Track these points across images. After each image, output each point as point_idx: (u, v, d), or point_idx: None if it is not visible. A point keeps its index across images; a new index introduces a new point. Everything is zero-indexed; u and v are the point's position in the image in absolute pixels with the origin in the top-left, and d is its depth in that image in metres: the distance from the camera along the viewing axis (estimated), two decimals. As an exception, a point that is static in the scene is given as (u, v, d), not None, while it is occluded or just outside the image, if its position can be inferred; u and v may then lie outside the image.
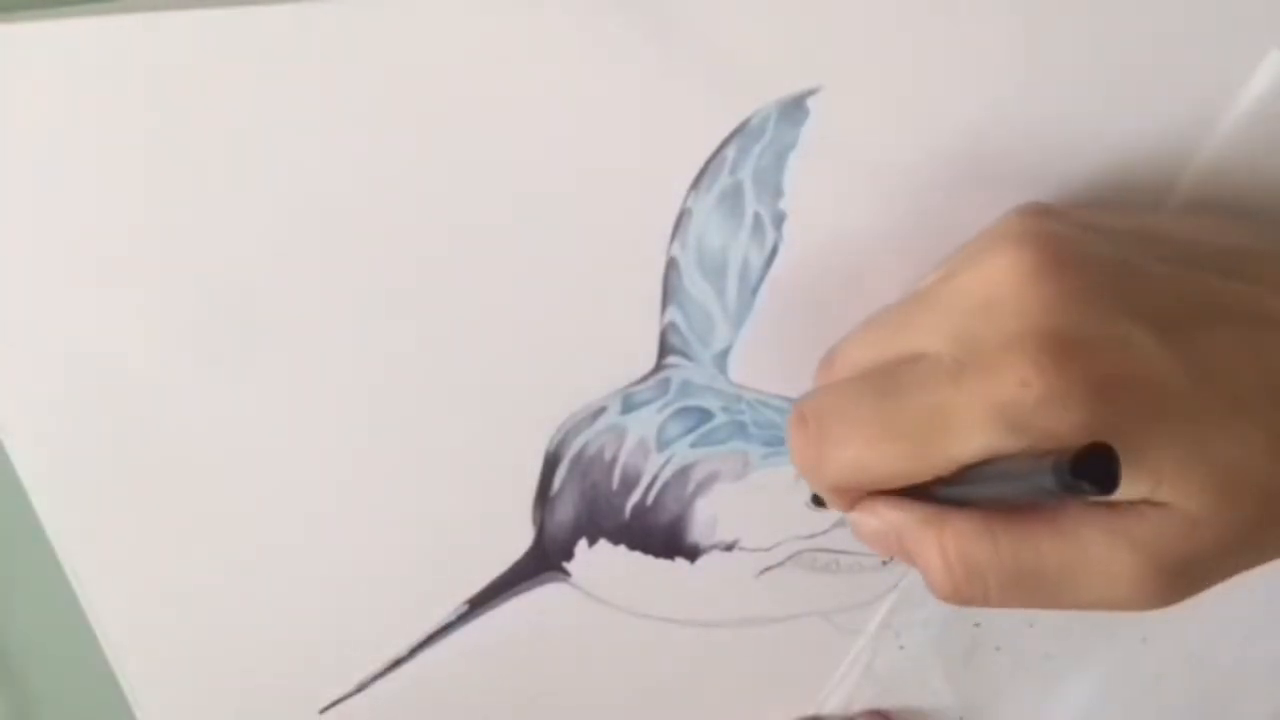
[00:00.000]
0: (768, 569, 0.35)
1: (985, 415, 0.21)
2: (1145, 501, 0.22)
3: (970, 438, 0.22)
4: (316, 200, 0.28)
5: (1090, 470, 0.19)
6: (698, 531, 0.34)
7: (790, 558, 0.35)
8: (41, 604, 0.34)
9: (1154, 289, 0.23)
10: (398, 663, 0.37)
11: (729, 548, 0.35)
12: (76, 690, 0.40)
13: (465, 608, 0.36)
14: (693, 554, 0.35)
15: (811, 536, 0.34)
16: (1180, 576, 0.22)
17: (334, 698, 0.37)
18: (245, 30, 0.26)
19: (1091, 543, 0.22)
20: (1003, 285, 0.22)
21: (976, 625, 0.36)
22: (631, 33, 0.26)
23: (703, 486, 0.34)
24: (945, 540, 0.23)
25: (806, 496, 0.34)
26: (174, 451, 0.32)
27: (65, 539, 0.33)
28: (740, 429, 0.33)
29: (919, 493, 0.24)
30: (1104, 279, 0.22)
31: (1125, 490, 0.21)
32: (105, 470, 0.32)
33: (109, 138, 0.27)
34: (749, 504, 0.34)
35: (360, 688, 0.37)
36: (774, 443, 0.33)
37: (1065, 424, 0.21)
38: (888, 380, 0.24)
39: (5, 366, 0.30)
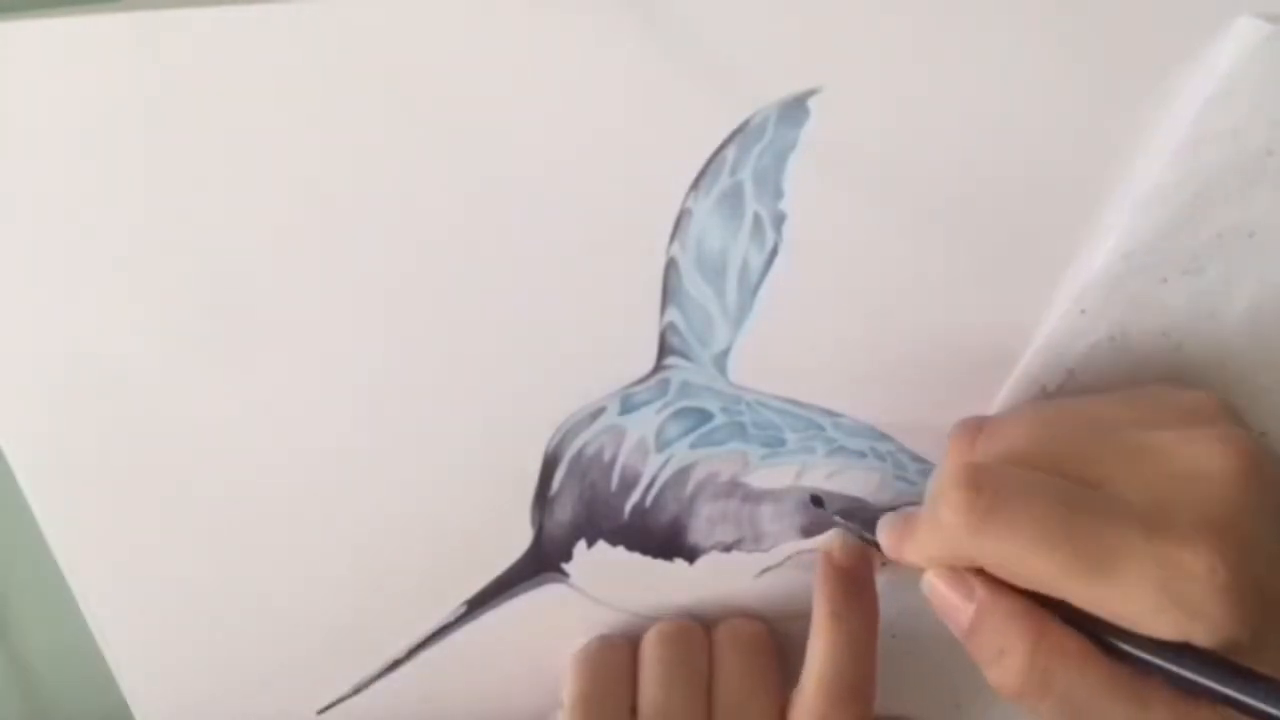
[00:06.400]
0: (766, 570, 0.35)
1: (1159, 578, 0.23)
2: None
3: (1132, 589, 0.23)
4: (316, 200, 0.28)
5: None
6: (697, 532, 0.34)
7: (789, 559, 0.35)
8: (40, 605, 0.34)
9: None
10: (396, 664, 0.37)
11: (728, 548, 0.35)
12: (75, 689, 0.40)
13: (464, 609, 0.36)
14: (692, 555, 0.35)
15: (810, 537, 0.34)
16: None
17: (332, 699, 0.37)
18: (246, 28, 0.26)
19: None
20: (1213, 470, 0.24)
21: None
22: (632, 33, 0.26)
23: (702, 487, 0.34)
24: (1039, 646, 0.24)
25: (806, 496, 0.34)
26: (172, 452, 0.32)
27: (63, 540, 0.33)
28: (739, 430, 0.33)
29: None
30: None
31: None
32: (102, 471, 0.32)
33: (108, 136, 0.27)
34: (748, 505, 0.34)
35: (358, 689, 0.37)
36: (773, 443, 0.33)
37: (1225, 619, 0.23)
38: (1078, 495, 0.25)
39: (3, 367, 0.30)
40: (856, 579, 0.32)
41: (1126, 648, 0.24)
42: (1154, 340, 0.30)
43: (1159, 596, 0.23)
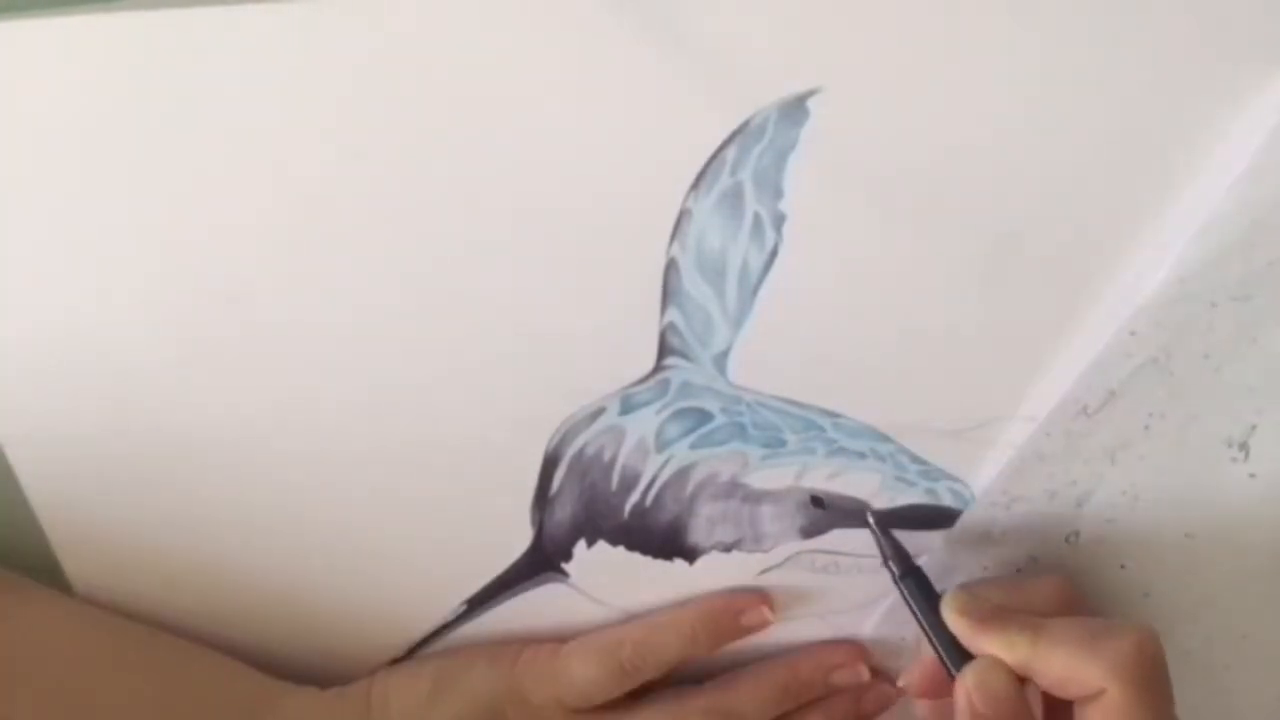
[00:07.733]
0: (767, 570, 0.35)
1: None
2: None
3: None
4: (316, 200, 0.28)
5: None
6: (697, 532, 0.34)
7: (789, 559, 0.35)
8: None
9: None
10: (395, 662, 0.37)
11: (728, 549, 0.35)
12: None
13: (464, 608, 0.36)
14: (692, 555, 0.35)
15: (810, 538, 0.34)
16: None
17: (332, 698, 0.37)
18: (246, 28, 0.26)
19: None
20: None
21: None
22: (632, 33, 0.26)
23: (702, 487, 0.34)
24: None
25: (806, 497, 0.34)
26: (172, 451, 0.32)
27: (63, 541, 0.33)
28: (739, 430, 0.33)
29: None
30: None
31: None
32: (102, 471, 0.32)
33: (108, 135, 0.27)
34: (748, 505, 0.34)
35: (358, 688, 0.37)
36: (773, 444, 0.33)
37: None
38: None
39: (4, 367, 0.30)
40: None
41: None
42: (1196, 363, 0.30)
43: None
